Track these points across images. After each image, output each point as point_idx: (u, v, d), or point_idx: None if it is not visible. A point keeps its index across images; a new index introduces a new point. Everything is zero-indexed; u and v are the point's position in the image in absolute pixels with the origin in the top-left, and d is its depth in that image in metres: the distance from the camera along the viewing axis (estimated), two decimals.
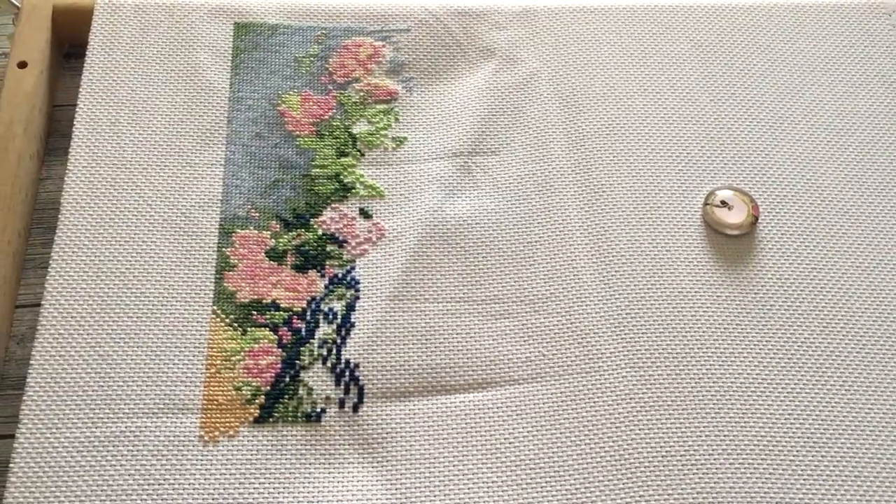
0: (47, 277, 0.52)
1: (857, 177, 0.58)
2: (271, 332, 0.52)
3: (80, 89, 0.58)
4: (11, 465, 0.47)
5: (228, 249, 0.54)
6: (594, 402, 0.51)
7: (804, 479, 0.49)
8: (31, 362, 0.50)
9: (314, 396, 0.51)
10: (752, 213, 0.56)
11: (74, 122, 0.57)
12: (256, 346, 0.52)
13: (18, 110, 0.59)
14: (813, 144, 0.60)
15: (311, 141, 0.58)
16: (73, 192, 0.55)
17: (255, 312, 0.53)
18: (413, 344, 0.52)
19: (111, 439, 0.48)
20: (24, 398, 0.49)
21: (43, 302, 0.52)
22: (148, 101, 0.59)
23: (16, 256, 0.56)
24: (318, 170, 0.57)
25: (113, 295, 0.52)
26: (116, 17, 0.61)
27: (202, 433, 0.49)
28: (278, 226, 0.56)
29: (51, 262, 0.53)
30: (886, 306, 0.54)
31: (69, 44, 0.64)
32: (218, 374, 0.51)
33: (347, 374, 0.51)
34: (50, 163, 0.60)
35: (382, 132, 0.59)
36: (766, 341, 0.53)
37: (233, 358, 0.51)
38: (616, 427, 0.50)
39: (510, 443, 0.49)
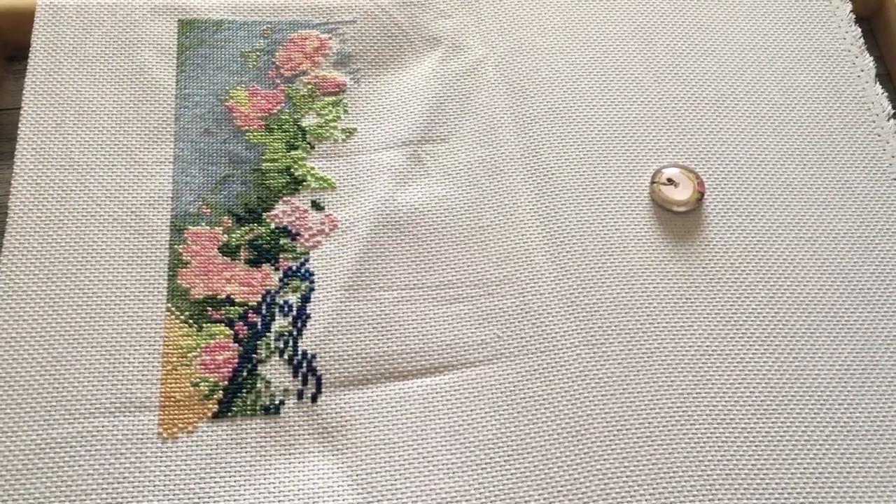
0: None
1: (798, 151, 0.60)
2: (227, 328, 0.52)
3: (24, 91, 0.58)
4: None
5: (181, 246, 0.54)
6: (550, 381, 0.51)
7: (755, 445, 0.50)
8: None
9: (272, 389, 0.51)
10: (697, 190, 0.57)
11: (19, 125, 0.57)
12: (213, 341, 0.52)
13: None
14: (755, 121, 0.61)
15: (261, 135, 0.58)
16: (20, 194, 0.55)
17: (209, 308, 0.53)
18: (369, 332, 0.52)
19: (68, 440, 0.48)
20: None
21: None
22: (93, 101, 0.58)
23: None
24: (268, 164, 0.57)
25: (65, 296, 0.52)
26: (58, 18, 0.60)
27: (161, 430, 0.49)
28: (230, 221, 0.55)
29: (0, 265, 0.52)
30: (829, 275, 0.55)
31: (12, 46, 0.63)
32: (174, 371, 0.51)
33: (305, 365, 0.51)
34: None
35: (332, 124, 0.59)
36: (715, 313, 0.54)
37: (189, 354, 0.51)
38: (572, 404, 0.51)
39: (468, 424, 0.50)
